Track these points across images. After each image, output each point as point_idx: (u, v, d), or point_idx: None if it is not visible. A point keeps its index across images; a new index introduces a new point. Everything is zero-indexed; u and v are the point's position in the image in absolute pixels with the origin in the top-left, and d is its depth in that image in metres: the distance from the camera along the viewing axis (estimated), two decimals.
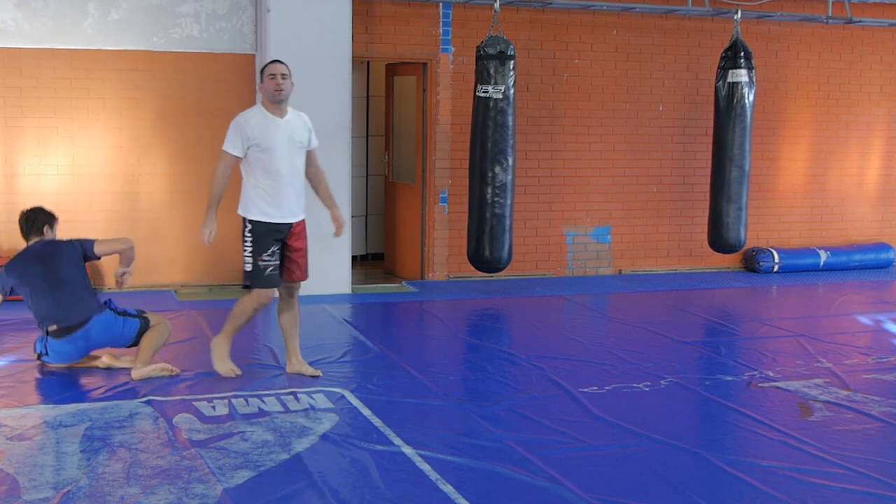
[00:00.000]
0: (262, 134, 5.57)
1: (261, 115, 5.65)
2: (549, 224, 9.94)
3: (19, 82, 8.28)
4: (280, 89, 5.58)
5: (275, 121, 5.63)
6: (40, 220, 6.07)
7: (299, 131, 5.72)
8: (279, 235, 5.66)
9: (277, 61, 5.74)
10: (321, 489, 4.15)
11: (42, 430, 4.84)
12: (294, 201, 5.69)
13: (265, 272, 5.64)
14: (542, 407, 5.40)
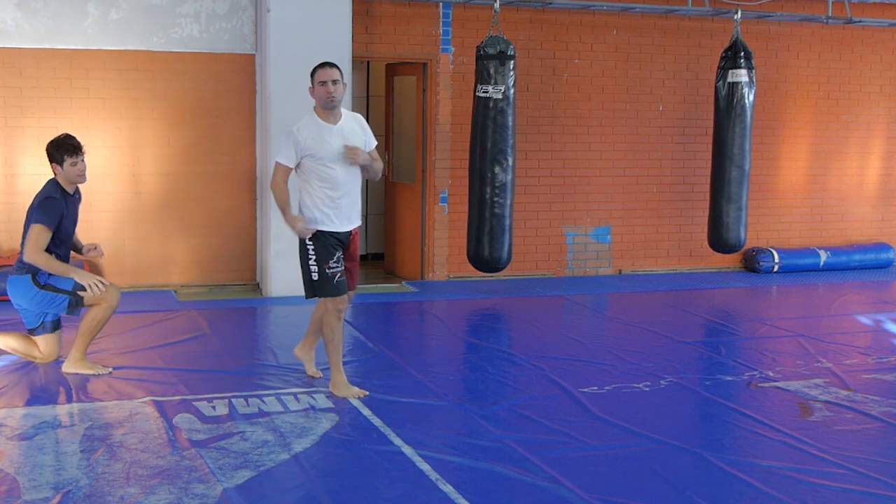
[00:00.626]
0: (317, 143, 5.36)
1: (314, 123, 5.42)
2: (549, 224, 9.94)
3: (19, 82, 8.28)
4: (332, 97, 5.35)
5: (328, 128, 5.41)
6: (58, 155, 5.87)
7: (354, 136, 5.48)
8: (340, 244, 5.47)
9: (328, 65, 5.44)
10: (321, 489, 4.15)
11: (42, 430, 4.83)
12: (351, 208, 5.49)
13: (334, 280, 5.42)
14: (542, 407, 5.40)
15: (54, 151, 5.82)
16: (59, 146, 5.81)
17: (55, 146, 5.82)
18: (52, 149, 5.83)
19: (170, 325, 7.31)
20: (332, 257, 5.41)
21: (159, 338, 6.86)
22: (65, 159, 5.80)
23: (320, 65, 5.45)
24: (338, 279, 5.42)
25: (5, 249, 8.37)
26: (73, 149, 5.80)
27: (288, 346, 6.73)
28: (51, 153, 5.84)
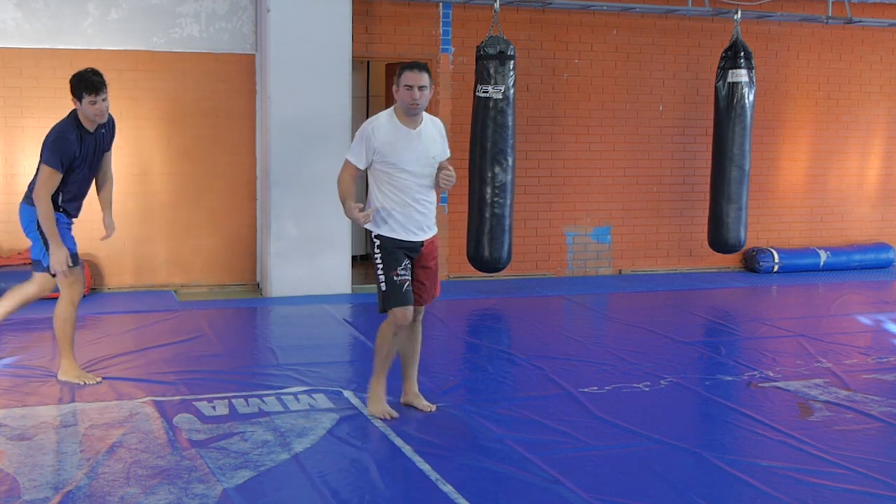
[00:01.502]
0: (391, 148, 4.98)
1: (392, 124, 5.02)
2: (549, 224, 9.94)
3: (19, 82, 8.28)
4: (416, 104, 4.94)
5: (407, 133, 5.01)
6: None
7: (433, 144, 5.09)
8: (409, 253, 5.09)
9: (417, 67, 4.96)
10: (321, 489, 4.15)
11: (42, 430, 4.83)
12: (424, 217, 5.09)
13: (402, 288, 5.01)
14: (542, 407, 5.40)
15: (74, 85, 5.36)
16: (79, 80, 5.33)
17: (76, 80, 5.35)
18: (74, 82, 5.37)
19: (170, 325, 7.31)
20: (400, 264, 5.03)
21: (159, 338, 6.86)
22: (83, 96, 5.33)
23: (409, 66, 4.99)
24: (407, 287, 5.02)
25: (5, 249, 8.37)
26: (92, 86, 5.30)
27: (288, 346, 6.75)
28: (72, 86, 5.38)
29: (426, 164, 5.04)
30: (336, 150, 8.64)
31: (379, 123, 5.05)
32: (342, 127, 8.64)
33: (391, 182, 5.03)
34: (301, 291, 8.56)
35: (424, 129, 5.07)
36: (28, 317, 7.47)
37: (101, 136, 5.58)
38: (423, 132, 5.06)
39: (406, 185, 5.02)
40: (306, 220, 8.61)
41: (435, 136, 5.13)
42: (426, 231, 5.12)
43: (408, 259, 5.08)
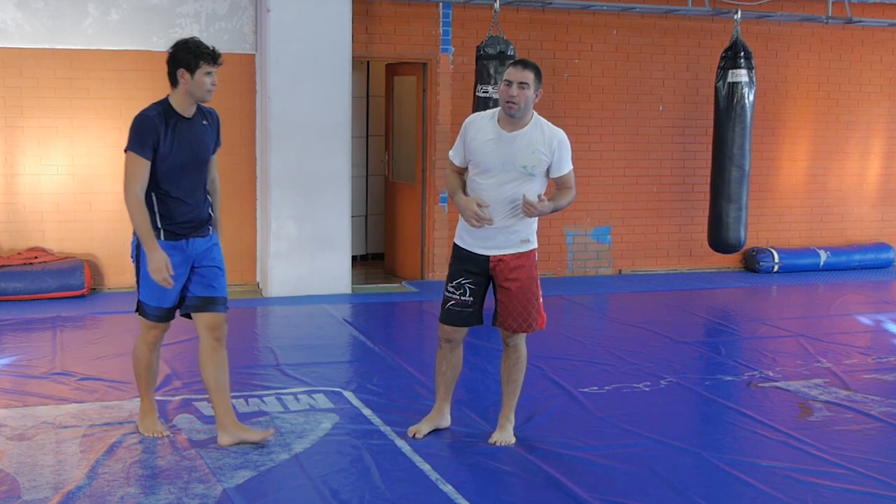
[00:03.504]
0: (478, 146, 4.57)
1: (490, 123, 4.61)
2: (549, 224, 9.93)
3: (19, 82, 8.28)
4: (512, 102, 4.48)
5: (499, 134, 4.55)
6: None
7: (528, 153, 4.53)
8: (474, 267, 4.64)
9: (520, 63, 4.56)
10: (321, 489, 4.15)
11: (42, 430, 4.83)
12: (498, 231, 4.56)
13: (446, 304, 4.70)
14: (542, 407, 5.40)
15: (185, 55, 4.38)
16: (194, 48, 4.39)
17: (187, 48, 4.39)
18: (183, 51, 4.39)
19: (170, 325, 7.29)
20: (454, 280, 4.67)
21: None
22: (199, 66, 4.36)
23: (512, 63, 4.60)
24: (450, 306, 4.68)
25: (5, 249, 8.37)
26: (210, 55, 4.42)
27: (288, 346, 6.75)
28: (177, 58, 4.39)
29: (513, 172, 4.52)
30: (336, 151, 8.65)
31: (478, 117, 4.70)
32: (342, 127, 8.65)
33: (471, 185, 4.62)
34: (301, 291, 8.56)
35: (524, 134, 4.55)
36: (28, 317, 7.48)
37: (201, 126, 4.53)
38: (521, 137, 4.53)
39: (482, 189, 4.56)
40: (306, 220, 8.60)
41: (536, 146, 4.55)
42: (498, 248, 4.59)
43: (471, 277, 4.64)
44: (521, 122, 4.56)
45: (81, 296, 8.22)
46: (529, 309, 4.68)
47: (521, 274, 4.63)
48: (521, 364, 4.83)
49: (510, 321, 4.70)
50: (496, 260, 4.61)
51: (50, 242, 8.48)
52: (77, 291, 8.16)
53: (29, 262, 8.16)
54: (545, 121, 4.69)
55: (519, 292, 4.64)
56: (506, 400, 4.85)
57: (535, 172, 4.57)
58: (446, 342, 4.80)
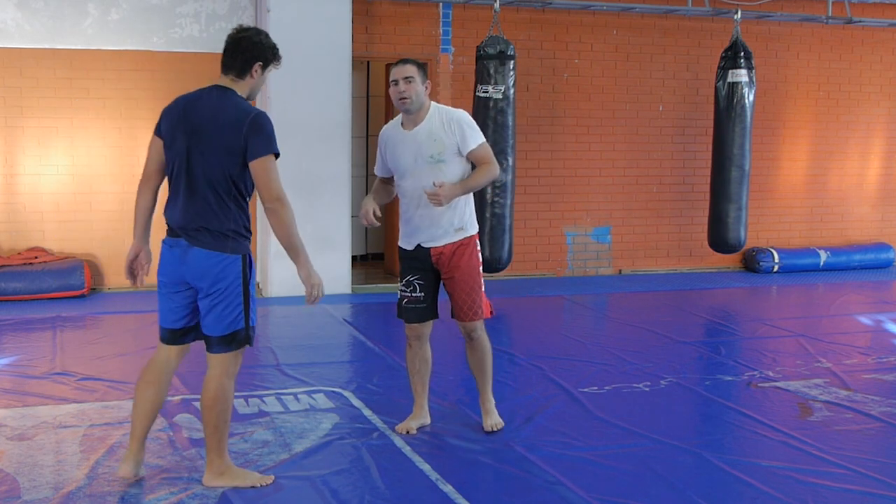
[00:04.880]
0: (391, 152, 4.77)
1: (396, 129, 4.79)
2: (549, 224, 9.94)
3: (19, 82, 8.28)
4: (404, 98, 4.62)
5: (403, 135, 4.73)
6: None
7: (431, 143, 4.66)
8: (418, 264, 4.79)
9: (400, 62, 4.73)
10: (321, 489, 4.15)
11: (42, 430, 4.83)
12: (427, 224, 4.71)
13: (402, 303, 4.88)
14: (542, 407, 5.40)
15: (270, 48, 4.12)
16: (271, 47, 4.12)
17: (270, 42, 4.13)
18: (268, 44, 4.12)
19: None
20: (403, 279, 4.85)
21: None
22: (278, 61, 4.18)
23: (395, 63, 4.75)
24: (405, 304, 4.86)
25: (5, 249, 8.37)
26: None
27: (288, 346, 6.75)
28: (266, 47, 4.10)
29: (424, 164, 4.66)
30: (336, 151, 8.65)
31: (387, 127, 4.88)
32: (342, 127, 8.65)
33: (399, 188, 4.81)
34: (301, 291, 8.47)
35: (423, 128, 4.70)
36: (28, 317, 7.48)
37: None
38: (420, 131, 4.69)
39: (406, 190, 4.75)
40: (306, 220, 8.59)
41: (436, 133, 4.67)
42: (433, 240, 4.73)
43: (418, 273, 4.79)
44: (419, 116, 4.71)
45: (81, 296, 8.22)
46: (473, 297, 4.81)
47: (461, 262, 4.77)
48: (487, 354, 4.98)
49: (457, 311, 4.87)
50: (437, 253, 4.76)
51: (50, 242, 8.48)
52: (77, 291, 8.16)
53: (29, 262, 8.17)
54: (443, 106, 4.84)
55: (461, 280, 4.78)
56: (482, 388, 5.02)
57: (445, 158, 4.68)
58: (415, 339, 4.96)
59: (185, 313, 4.06)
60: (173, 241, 4.00)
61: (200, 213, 3.92)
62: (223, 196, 3.92)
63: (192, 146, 3.91)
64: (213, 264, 3.91)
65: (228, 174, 3.92)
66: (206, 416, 4.06)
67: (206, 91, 4.01)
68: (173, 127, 3.97)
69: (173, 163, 3.97)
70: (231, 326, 3.98)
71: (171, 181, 4.02)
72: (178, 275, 4.00)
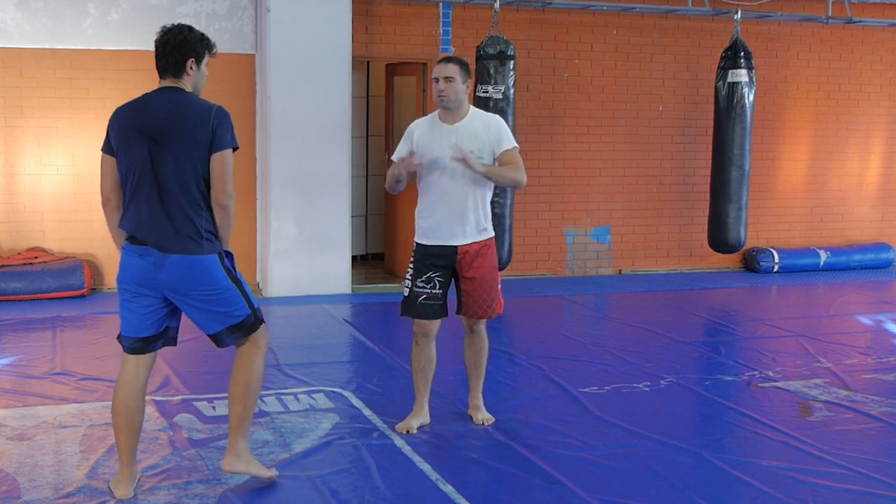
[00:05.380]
0: (426, 143, 4.78)
1: (433, 123, 4.84)
2: (549, 224, 9.94)
3: (19, 82, 8.28)
4: (442, 96, 4.72)
5: (441, 128, 4.78)
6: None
7: (471, 140, 4.72)
8: (441, 261, 4.83)
9: (444, 60, 4.79)
10: (321, 489, 4.15)
11: (42, 430, 4.83)
12: (455, 222, 4.77)
13: (417, 300, 4.87)
14: (542, 407, 5.40)
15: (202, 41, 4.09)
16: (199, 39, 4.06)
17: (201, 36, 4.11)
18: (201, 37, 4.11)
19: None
20: (422, 275, 4.85)
21: None
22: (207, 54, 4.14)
23: (438, 60, 4.83)
24: (422, 301, 4.85)
25: (5, 249, 8.37)
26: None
27: (288, 346, 6.75)
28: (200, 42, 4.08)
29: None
30: (336, 151, 8.65)
31: (421, 120, 4.94)
32: (342, 127, 8.65)
33: (425, 183, 4.82)
34: (301, 291, 8.56)
35: (465, 124, 4.77)
36: (28, 317, 7.48)
37: None
38: (462, 127, 4.75)
39: (438, 186, 4.76)
40: (306, 220, 8.61)
41: (478, 133, 4.75)
42: (461, 238, 4.78)
43: (439, 270, 4.82)
44: (460, 114, 4.78)
45: (81, 296, 8.22)
46: (492, 294, 4.92)
47: (484, 262, 4.85)
48: (485, 349, 5.11)
49: (475, 308, 4.91)
50: (463, 251, 4.80)
51: (50, 242, 8.48)
52: (77, 291, 8.16)
53: (29, 262, 8.17)
54: (480, 110, 4.95)
55: (483, 280, 4.85)
56: (474, 384, 5.12)
57: (483, 156, 4.74)
58: (423, 337, 4.94)
59: (155, 319, 3.96)
60: (142, 248, 3.87)
61: (173, 218, 3.84)
62: (195, 197, 3.87)
63: (156, 150, 3.82)
64: (195, 269, 3.85)
65: (201, 172, 3.87)
66: (238, 392, 4.04)
67: (154, 94, 3.95)
68: (125, 136, 3.86)
69: (132, 172, 3.85)
70: (236, 316, 3.97)
71: (129, 190, 3.89)
72: (150, 282, 3.87)
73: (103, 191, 4.00)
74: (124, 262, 3.94)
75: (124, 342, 3.99)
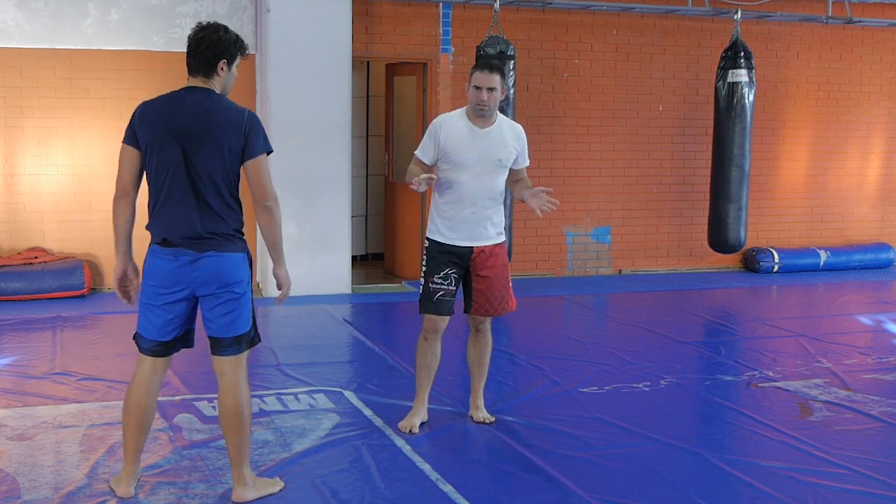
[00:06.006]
0: (454, 143, 4.77)
1: (461, 120, 4.84)
2: (549, 224, 9.94)
3: (19, 82, 8.28)
4: (483, 106, 4.74)
5: (473, 130, 4.79)
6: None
7: (501, 147, 4.82)
8: (458, 259, 4.85)
9: (487, 67, 4.77)
10: (321, 489, 4.15)
11: (42, 430, 4.83)
12: (478, 225, 4.82)
13: (435, 296, 4.85)
14: (542, 407, 5.40)
15: (236, 43, 3.98)
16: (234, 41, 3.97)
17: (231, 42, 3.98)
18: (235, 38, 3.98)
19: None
20: (440, 272, 4.85)
21: None
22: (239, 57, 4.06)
23: (480, 65, 4.80)
24: (439, 297, 4.84)
25: (5, 249, 8.37)
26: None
27: (288, 346, 6.75)
28: (234, 44, 3.96)
29: (489, 165, 4.78)
30: (336, 151, 8.65)
31: (448, 118, 4.90)
32: (342, 127, 8.65)
33: (448, 182, 4.81)
34: (301, 291, 8.52)
35: (495, 130, 4.83)
36: (28, 317, 7.48)
37: None
38: (493, 133, 4.82)
39: (462, 187, 4.77)
40: (306, 220, 8.60)
41: (507, 140, 4.84)
42: (479, 239, 4.84)
43: (455, 267, 4.85)
44: (492, 119, 4.85)
45: (81, 296, 8.22)
46: (505, 294, 4.99)
47: (497, 262, 4.92)
48: (490, 347, 5.16)
49: (488, 307, 4.96)
50: (478, 251, 4.86)
51: (50, 242, 8.48)
52: (77, 291, 8.16)
53: (29, 262, 8.17)
54: (505, 117, 4.99)
55: (497, 279, 4.92)
56: (476, 384, 5.17)
57: (506, 165, 4.88)
58: (433, 333, 4.96)
59: (179, 323, 3.94)
60: (175, 251, 3.83)
61: (207, 219, 3.82)
62: (227, 198, 3.87)
63: (189, 150, 3.79)
64: (229, 267, 3.85)
65: (233, 175, 3.88)
66: (233, 426, 3.92)
67: (184, 93, 3.89)
68: (157, 137, 3.81)
69: (164, 173, 3.81)
70: (244, 326, 3.94)
71: (160, 191, 3.85)
72: (183, 284, 3.85)
73: (121, 184, 3.92)
74: (154, 265, 3.89)
75: (144, 344, 3.96)
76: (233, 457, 3.99)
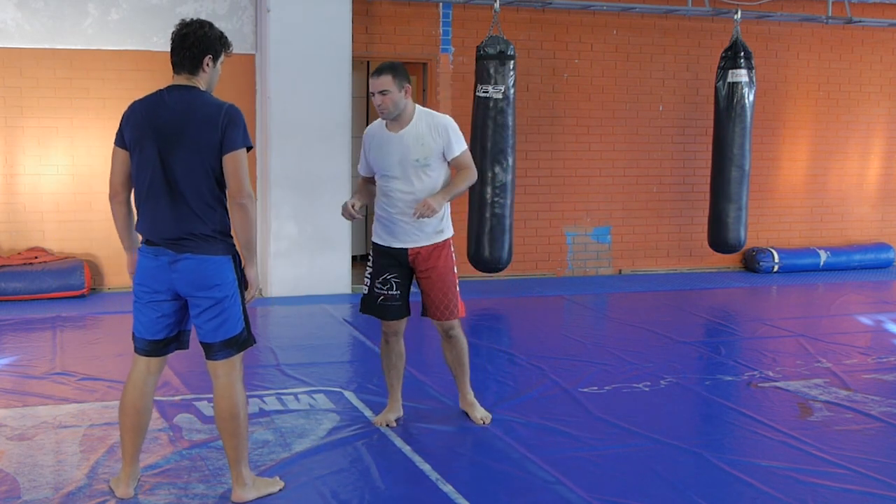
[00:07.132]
0: (375, 153, 4.85)
1: (379, 129, 4.87)
2: (549, 224, 9.94)
3: (19, 82, 8.28)
4: (382, 110, 4.72)
5: (388, 137, 4.80)
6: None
7: (417, 147, 4.73)
8: (394, 261, 4.91)
9: (376, 71, 4.72)
10: (321, 489, 4.15)
11: (42, 430, 4.83)
12: (411, 227, 4.80)
13: (377, 300, 5.01)
14: (542, 407, 5.40)
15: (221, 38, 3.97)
16: (218, 37, 3.96)
17: (215, 38, 3.95)
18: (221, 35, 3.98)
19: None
20: (380, 276, 4.96)
21: None
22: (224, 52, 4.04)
23: (372, 73, 4.78)
24: (381, 301, 4.97)
25: (5, 249, 8.37)
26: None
27: (288, 346, 6.75)
28: (219, 40, 3.95)
29: (410, 167, 4.73)
30: (336, 151, 8.65)
31: (371, 128, 4.96)
32: (342, 127, 8.65)
33: (379, 187, 4.89)
34: (301, 291, 8.56)
35: (411, 130, 4.76)
36: (28, 317, 7.48)
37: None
38: (407, 135, 4.75)
39: (389, 190, 4.81)
40: (306, 220, 8.61)
41: (424, 139, 4.74)
42: (414, 241, 4.83)
43: (395, 270, 4.91)
44: (404, 119, 4.77)
45: (81, 296, 8.22)
46: (449, 296, 4.90)
47: (438, 262, 4.85)
48: (464, 350, 5.07)
49: (433, 310, 4.93)
50: (414, 253, 4.85)
51: (50, 242, 8.48)
52: (77, 291, 8.16)
53: (29, 262, 8.17)
54: (428, 111, 4.87)
55: (438, 280, 4.86)
56: (461, 384, 5.14)
57: (430, 162, 4.75)
58: (392, 335, 5.03)
59: (168, 322, 3.93)
60: (155, 250, 3.83)
61: (186, 219, 3.79)
62: (207, 197, 3.81)
63: (165, 150, 3.78)
64: (209, 271, 3.80)
65: (211, 173, 3.81)
66: (229, 427, 3.91)
67: (166, 92, 3.87)
68: (139, 134, 3.83)
69: (144, 172, 3.83)
70: (233, 329, 3.91)
71: (142, 191, 3.87)
72: (165, 284, 3.84)
73: (112, 184, 4.00)
74: (140, 264, 3.92)
75: (137, 343, 3.98)
76: (230, 458, 4.00)
